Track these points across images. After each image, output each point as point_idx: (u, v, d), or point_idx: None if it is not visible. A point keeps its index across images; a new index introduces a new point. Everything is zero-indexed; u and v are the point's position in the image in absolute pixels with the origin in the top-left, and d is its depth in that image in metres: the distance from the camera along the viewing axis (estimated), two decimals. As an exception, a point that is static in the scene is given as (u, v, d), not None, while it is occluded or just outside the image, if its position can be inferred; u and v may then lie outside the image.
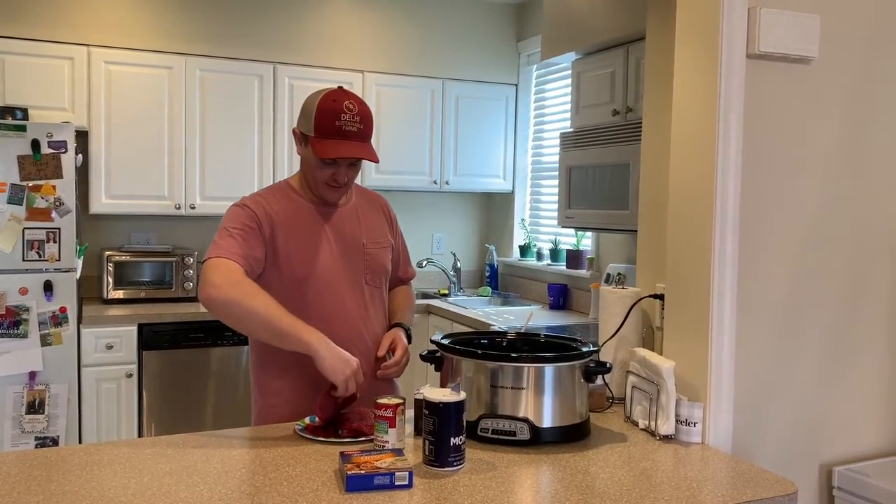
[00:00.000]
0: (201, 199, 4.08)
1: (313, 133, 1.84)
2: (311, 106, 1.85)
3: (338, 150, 1.82)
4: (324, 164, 1.86)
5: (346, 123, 1.81)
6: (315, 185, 1.93)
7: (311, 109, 1.84)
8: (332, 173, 1.88)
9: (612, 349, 2.09)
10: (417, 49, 4.55)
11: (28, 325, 3.36)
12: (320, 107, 1.82)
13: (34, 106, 3.70)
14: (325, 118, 1.81)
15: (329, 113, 1.81)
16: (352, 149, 1.83)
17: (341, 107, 1.81)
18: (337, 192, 1.94)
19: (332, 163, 1.86)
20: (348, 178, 1.91)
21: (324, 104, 1.82)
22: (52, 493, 1.37)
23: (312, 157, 1.87)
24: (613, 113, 3.16)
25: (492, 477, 1.51)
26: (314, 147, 1.84)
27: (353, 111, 1.82)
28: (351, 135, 1.82)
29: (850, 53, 1.93)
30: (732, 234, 1.80)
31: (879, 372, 2.05)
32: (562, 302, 4.24)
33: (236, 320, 1.78)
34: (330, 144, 1.82)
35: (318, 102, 1.83)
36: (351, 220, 2.00)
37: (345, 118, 1.81)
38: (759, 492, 1.47)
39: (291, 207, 1.93)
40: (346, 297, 1.94)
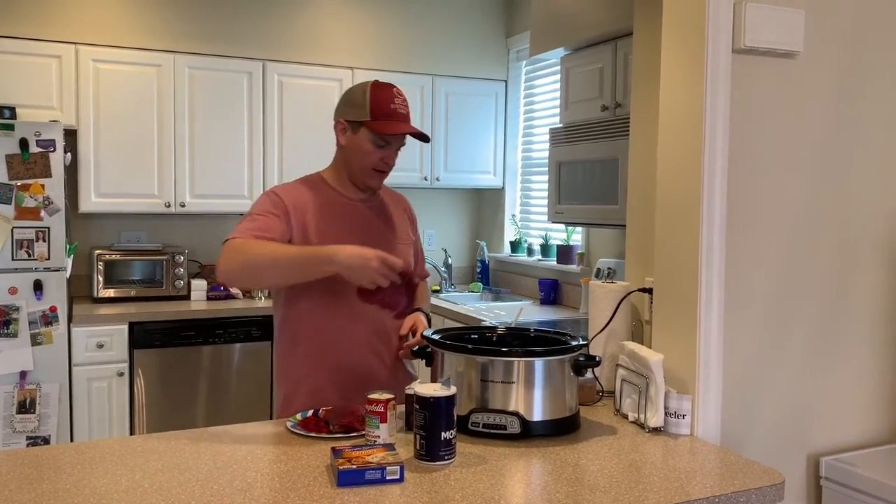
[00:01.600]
0: (191, 198, 4.07)
1: (369, 117, 1.93)
2: (359, 95, 1.95)
3: (400, 127, 1.94)
4: (376, 147, 1.95)
5: (399, 106, 1.96)
6: (361, 172, 1.99)
7: (361, 97, 1.94)
8: (383, 157, 1.97)
9: (601, 343, 2.11)
10: (407, 46, 4.55)
11: (18, 325, 3.35)
12: (374, 93, 1.94)
13: (22, 105, 3.68)
14: (381, 102, 1.93)
15: (384, 98, 1.94)
16: (408, 126, 1.97)
17: (392, 92, 1.96)
18: (381, 178, 2.03)
19: (385, 144, 1.96)
20: (394, 162, 2.02)
21: (376, 91, 1.95)
22: (44, 492, 1.38)
23: (365, 142, 1.95)
24: (602, 108, 3.17)
25: (483, 470, 1.52)
26: (375, 126, 1.92)
27: (401, 97, 1.99)
28: (403, 117, 1.97)
29: (834, 48, 1.95)
30: (719, 228, 1.82)
31: (865, 363, 2.07)
32: (552, 297, 4.26)
33: (256, 275, 1.86)
34: (391, 123, 1.94)
35: (369, 91, 1.95)
36: (378, 215, 2.07)
37: (397, 102, 1.96)
38: (747, 482, 1.49)
39: (324, 199, 2.00)
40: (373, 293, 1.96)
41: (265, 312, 3.93)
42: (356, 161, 1.98)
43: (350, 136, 1.97)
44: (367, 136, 1.94)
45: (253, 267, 1.82)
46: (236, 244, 1.83)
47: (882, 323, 2.08)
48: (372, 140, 1.94)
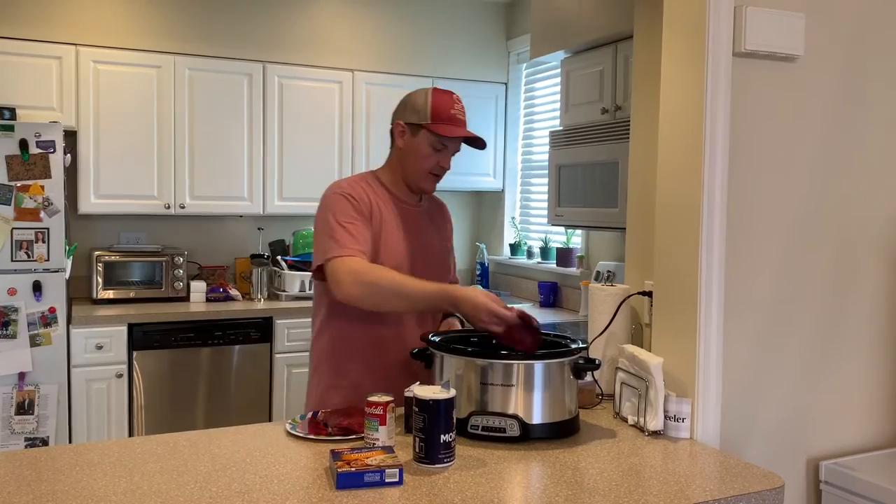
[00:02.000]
0: (191, 199, 4.07)
1: (430, 120, 1.98)
2: (421, 99, 2.01)
3: (458, 131, 1.99)
4: (434, 150, 2.00)
5: (458, 112, 2.02)
6: (416, 175, 2.04)
7: (422, 101, 2.00)
8: (439, 160, 2.02)
9: (601, 346, 2.10)
10: (407, 48, 4.56)
11: (17, 326, 3.35)
12: (435, 98, 2.00)
13: (22, 106, 3.68)
14: (442, 106, 1.99)
15: (444, 103, 2.00)
16: (469, 131, 2.02)
17: (452, 98, 2.02)
18: (436, 181, 2.07)
19: (443, 148, 2.01)
20: (449, 166, 2.07)
21: (437, 95, 2.01)
22: (42, 494, 1.37)
23: (423, 145, 2.00)
24: (602, 111, 3.17)
25: (482, 473, 1.51)
26: (435, 129, 1.97)
27: (460, 103, 2.04)
28: (462, 122, 2.02)
29: (835, 51, 1.95)
30: (720, 232, 1.82)
31: (866, 367, 2.07)
32: (552, 300, 4.26)
33: (380, 303, 1.89)
34: (447, 127, 1.98)
35: (430, 95, 2.01)
36: (425, 220, 2.13)
37: (457, 108, 2.02)
38: (746, 486, 1.48)
39: (384, 201, 2.04)
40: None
41: (264, 314, 3.93)
42: (413, 163, 2.03)
43: (408, 139, 2.02)
44: (425, 139, 1.99)
45: (379, 296, 1.86)
46: (357, 266, 1.85)
47: (882, 326, 2.08)
48: (430, 143, 1.99)
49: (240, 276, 4.38)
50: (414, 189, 2.07)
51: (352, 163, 4.42)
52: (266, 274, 4.20)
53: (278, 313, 3.96)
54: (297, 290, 4.14)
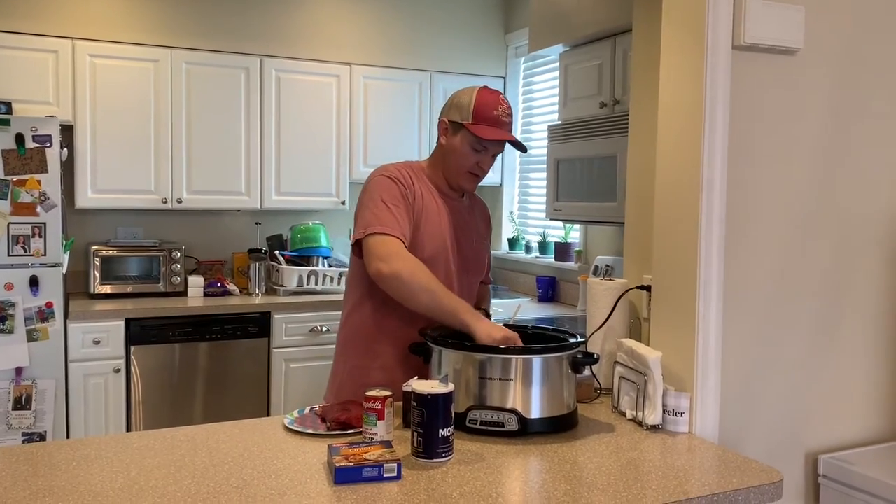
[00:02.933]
0: (188, 194, 4.06)
1: (471, 120, 1.98)
2: (466, 98, 2.00)
3: (497, 133, 1.98)
4: (473, 150, 2.00)
5: (502, 114, 2.00)
6: (457, 174, 2.04)
7: (467, 100, 1.99)
8: (478, 161, 2.02)
9: (599, 340, 2.10)
10: (405, 42, 4.54)
11: (14, 321, 3.34)
12: (479, 97, 1.99)
13: (18, 100, 3.66)
14: (485, 107, 1.98)
15: (488, 103, 1.98)
16: (507, 134, 2.00)
17: (497, 99, 2.00)
18: (475, 181, 2.07)
19: (483, 149, 2.00)
20: (489, 167, 2.06)
21: (482, 95, 2.00)
22: (39, 489, 1.37)
23: (463, 144, 2.00)
24: (601, 105, 3.16)
25: (480, 468, 1.51)
26: (474, 130, 1.96)
27: (505, 105, 2.01)
28: (504, 125, 2.00)
29: (835, 44, 1.94)
30: (718, 226, 1.81)
31: (864, 361, 2.06)
32: (550, 294, 4.25)
33: (402, 294, 1.88)
34: (489, 129, 1.97)
35: (475, 94, 2.00)
36: (466, 216, 2.13)
37: (501, 109, 2.00)
38: (745, 480, 1.48)
39: (427, 191, 2.05)
40: (454, 285, 2.05)
41: (262, 309, 3.93)
42: (453, 162, 2.03)
43: (450, 137, 2.03)
44: (466, 139, 1.99)
45: (410, 292, 1.85)
46: (397, 248, 1.86)
47: (881, 321, 2.08)
48: (470, 143, 1.99)
49: (237, 270, 4.37)
50: (454, 187, 2.08)
51: (349, 156, 4.41)
52: (264, 269, 4.20)
53: (276, 308, 3.95)
54: (295, 284, 4.14)
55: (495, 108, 1.98)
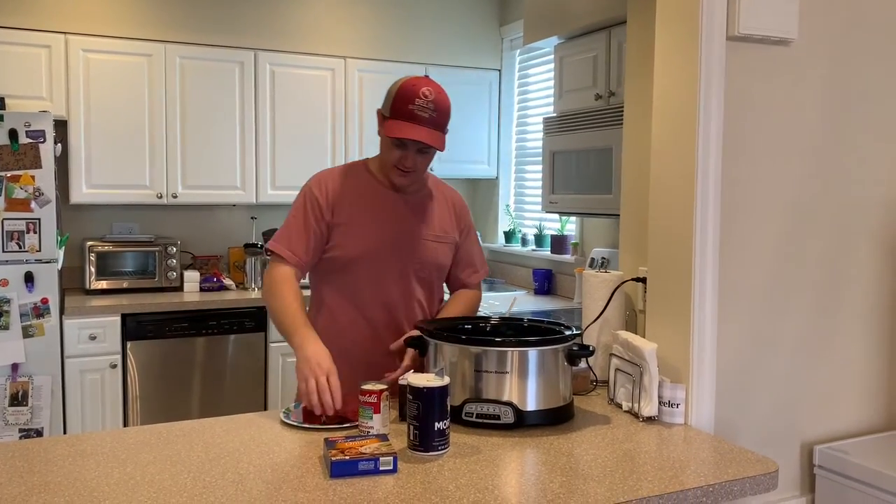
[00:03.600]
0: (183, 188, 4.04)
1: (388, 114, 1.90)
2: (392, 88, 1.91)
3: (404, 131, 1.84)
4: (394, 146, 1.90)
5: (419, 108, 1.84)
6: (386, 168, 1.97)
7: (392, 91, 1.90)
8: (401, 157, 1.91)
9: (595, 332, 2.10)
10: (400, 35, 4.53)
11: (9, 317, 3.33)
12: (399, 90, 1.88)
13: (11, 95, 3.65)
14: (401, 101, 1.86)
15: (405, 96, 1.85)
16: (419, 132, 1.84)
17: (417, 92, 1.85)
18: (405, 178, 1.96)
19: (402, 145, 1.89)
20: (416, 164, 1.92)
21: (403, 87, 1.88)
22: (34, 485, 1.37)
23: (386, 139, 1.93)
24: (596, 97, 3.16)
25: (476, 460, 1.51)
26: (386, 127, 1.89)
27: (428, 97, 1.85)
28: (422, 120, 1.85)
29: (829, 35, 1.94)
30: (713, 217, 1.81)
31: (859, 352, 2.07)
32: (547, 287, 4.25)
33: (272, 318, 1.93)
34: (399, 125, 1.85)
35: (399, 85, 1.89)
36: (416, 209, 2.03)
37: (419, 103, 1.84)
38: (740, 471, 1.49)
39: (359, 186, 1.99)
40: (392, 285, 1.98)
41: (258, 304, 3.92)
42: (382, 155, 1.98)
43: (380, 129, 1.96)
44: (384, 132, 1.92)
45: (270, 311, 1.93)
46: (272, 275, 1.92)
47: (876, 311, 2.08)
48: (389, 138, 1.90)
49: (233, 265, 4.36)
50: (388, 181, 1.99)
51: (345, 150, 4.40)
52: (260, 263, 4.19)
53: (272, 302, 3.94)
54: (291, 279, 4.13)
55: (412, 101, 1.83)
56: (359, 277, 1.97)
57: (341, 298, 1.98)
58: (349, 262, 1.96)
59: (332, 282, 2.00)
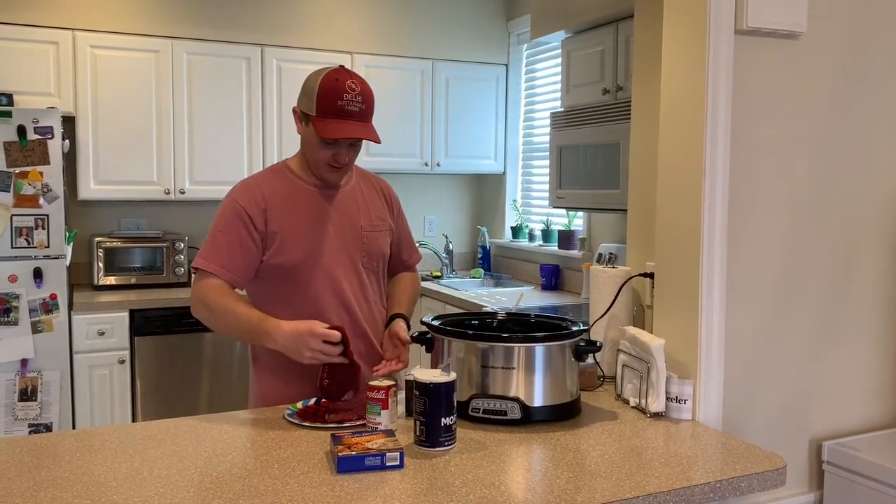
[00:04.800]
0: (191, 184, 4.05)
1: (315, 112, 1.81)
2: (312, 85, 1.82)
3: (340, 131, 1.79)
4: (325, 144, 1.83)
5: (349, 103, 1.79)
6: (315, 166, 1.90)
7: (312, 89, 1.81)
8: (333, 154, 1.85)
9: (602, 328, 2.10)
10: (406, 30, 4.52)
11: (18, 313, 3.35)
12: (322, 86, 1.79)
13: (19, 91, 3.66)
14: (327, 98, 1.79)
15: (331, 93, 1.79)
16: (354, 129, 1.81)
17: (344, 86, 1.79)
18: (337, 174, 1.92)
19: (334, 143, 1.83)
20: (349, 158, 1.89)
21: (325, 84, 1.79)
22: (43, 480, 1.37)
23: (314, 137, 1.84)
24: (604, 92, 3.14)
25: (483, 456, 1.51)
26: (316, 127, 1.80)
27: (355, 91, 1.80)
28: (353, 115, 1.80)
29: (838, 28, 1.92)
30: (721, 212, 1.80)
31: (868, 347, 2.06)
32: (554, 282, 4.25)
33: (218, 330, 1.89)
34: (332, 124, 1.79)
35: (319, 82, 1.80)
36: (349, 202, 1.97)
37: (347, 98, 1.79)
38: (748, 467, 1.48)
39: (287, 189, 1.91)
40: (342, 281, 1.93)
41: (266, 299, 3.92)
42: (309, 154, 1.90)
43: (303, 128, 1.88)
44: (313, 132, 1.82)
45: (213, 323, 1.86)
46: (199, 293, 1.84)
47: (885, 307, 2.07)
48: (318, 137, 1.82)
49: (241, 261, 4.37)
50: (319, 179, 1.93)
51: (352, 146, 4.39)
52: (267, 259, 4.19)
53: (280, 298, 3.95)
54: (299, 274, 4.13)
55: (340, 97, 1.77)
56: (311, 281, 1.88)
57: (295, 309, 1.86)
58: (294, 267, 1.87)
59: (281, 295, 1.89)
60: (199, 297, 1.85)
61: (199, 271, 1.87)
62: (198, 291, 1.86)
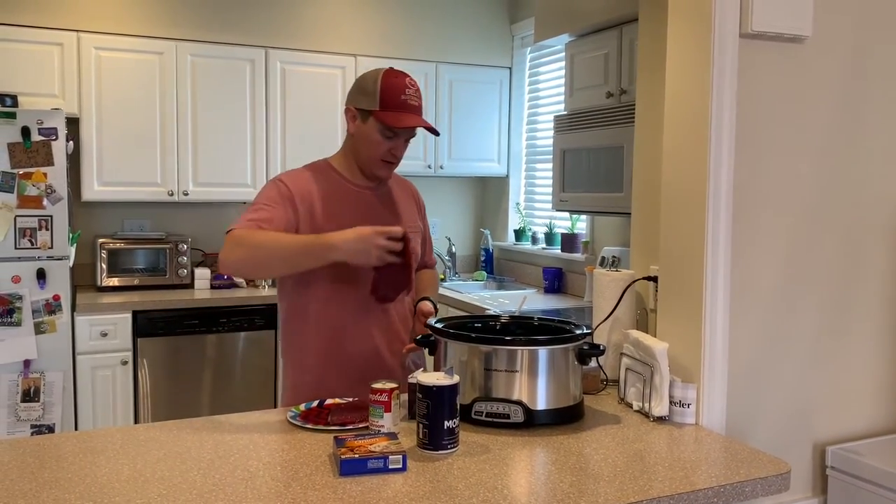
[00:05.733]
0: (194, 186, 4.06)
1: (378, 107, 1.90)
2: (371, 83, 1.92)
3: (407, 120, 1.90)
4: (385, 137, 1.92)
5: (410, 98, 1.92)
6: (369, 162, 1.97)
7: (372, 86, 1.91)
8: (391, 147, 1.94)
9: (605, 331, 2.09)
10: (410, 33, 4.52)
11: (21, 314, 3.35)
12: (385, 82, 1.90)
13: (24, 93, 3.67)
14: (391, 92, 1.89)
15: (394, 88, 1.90)
16: (418, 119, 1.93)
17: (404, 82, 1.92)
18: (390, 168, 2.00)
19: (393, 136, 1.93)
20: (402, 153, 1.99)
21: (387, 80, 1.91)
22: (45, 481, 1.37)
23: (374, 132, 1.92)
24: (607, 95, 3.14)
25: (486, 459, 1.51)
26: (382, 118, 1.89)
27: (413, 87, 1.94)
28: (414, 108, 1.92)
29: (843, 32, 1.92)
30: (726, 216, 1.80)
31: (872, 352, 2.05)
32: (557, 285, 4.24)
33: (258, 271, 1.88)
34: (398, 115, 1.90)
35: (380, 79, 1.91)
36: (385, 203, 2.05)
37: (408, 93, 1.91)
38: (752, 472, 1.47)
39: (333, 188, 1.98)
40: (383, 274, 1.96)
41: (269, 301, 3.93)
42: (364, 150, 1.96)
43: (359, 125, 1.95)
44: (375, 127, 1.91)
45: (255, 258, 1.82)
46: (238, 235, 1.82)
47: (889, 311, 2.06)
48: (380, 130, 1.91)
49: (244, 262, 4.37)
50: (368, 176, 2.00)
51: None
52: (270, 261, 4.19)
53: (282, 300, 3.95)
54: (302, 276, 4.13)
55: (403, 91, 1.90)
56: (349, 277, 1.91)
57: (333, 306, 1.92)
58: (335, 263, 1.87)
59: (319, 291, 1.94)
60: (236, 241, 1.80)
61: (229, 233, 1.85)
62: (231, 239, 1.81)
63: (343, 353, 1.95)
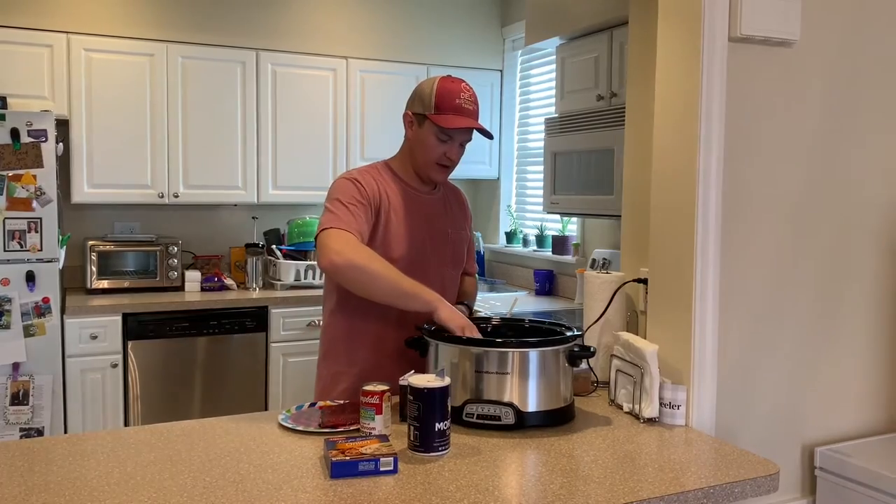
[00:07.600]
0: (185, 188, 4.04)
1: (433, 111, 1.96)
2: (428, 89, 1.99)
3: (460, 121, 1.95)
4: (440, 141, 1.98)
5: (465, 102, 1.98)
6: (425, 166, 2.02)
7: (428, 91, 1.98)
8: (446, 151, 2.00)
9: (596, 333, 2.10)
10: (402, 35, 4.53)
11: (10, 316, 3.34)
12: (440, 88, 1.97)
13: (13, 94, 3.65)
14: (446, 97, 1.96)
15: (449, 93, 1.97)
16: (470, 121, 1.98)
17: (459, 87, 1.98)
18: (445, 172, 2.05)
19: (448, 139, 1.98)
20: (458, 157, 2.03)
21: (443, 85, 1.98)
22: (35, 485, 1.37)
23: (430, 135, 1.98)
24: (598, 98, 3.15)
25: (477, 461, 1.51)
26: (437, 120, 1.95)
27: (469, 92, 2.00)
28: (468, 112, 1.98)
29: (831, 36, 1.94)
30: (715, 218, 1.81)
31: (861, 354, 2.07)
32: (548, 288, 4.25)
33: (359, 283, 1.86)
34: (451, 118, 1.96)
35: (436, 84, 1.98)
36: (440, 208, 2.11)
37: (463, 97, 1.98)
38: (741, 473, 1.48)
39: (395, 189, 2.03)
40: (430, 280, 1.99)
41: (259, 304, 3.92)
42: (420, 154, 2.02)
43: (416, 130, 2.01)
44: (430, 130, 1.97)
45: (368, 286, 1.84)
46: (350, 239, 1.84)
47: (877, 313, 2.08)
48: (435, 134, 1.97)
49: (234, 265, 4.36)
50: (424, 179, 2.06)
51: (346, 150, 4.40)
52: (261, 263, 4.19)
53: (273, 302, 3.95)
54: (293, 279, 4.13)
55: (457, 96, 1.96)
56: None
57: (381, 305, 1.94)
58: (392, 262, 1.91)
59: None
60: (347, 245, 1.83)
61: (331, 229, 1.87)
62: (343, 240, 1.84)
63: (391, 348, 1.98)
